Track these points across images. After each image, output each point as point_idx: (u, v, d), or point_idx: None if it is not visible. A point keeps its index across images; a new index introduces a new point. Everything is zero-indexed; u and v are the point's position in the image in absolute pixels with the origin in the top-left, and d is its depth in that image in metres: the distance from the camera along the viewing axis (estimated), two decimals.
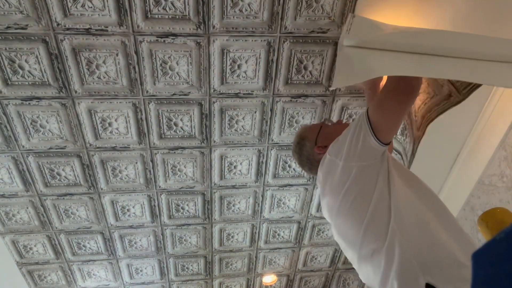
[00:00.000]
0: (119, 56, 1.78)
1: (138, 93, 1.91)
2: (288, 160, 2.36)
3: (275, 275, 3.29)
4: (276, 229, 2.84)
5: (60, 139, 2.04)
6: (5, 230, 2.48)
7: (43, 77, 1.80)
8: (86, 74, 1.81)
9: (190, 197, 2.48)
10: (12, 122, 1.93)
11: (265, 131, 2.18)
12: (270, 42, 1.82)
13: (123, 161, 2.20)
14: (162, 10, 1.66)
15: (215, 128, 2.12)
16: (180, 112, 2.02)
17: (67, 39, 1.69)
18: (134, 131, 2.06)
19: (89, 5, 1.61)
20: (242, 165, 2.34)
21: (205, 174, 2.35)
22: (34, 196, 2.29)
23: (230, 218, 2.68)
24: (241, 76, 1.93)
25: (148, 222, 2.59)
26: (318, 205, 2.68)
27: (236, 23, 1.74)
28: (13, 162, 2.10)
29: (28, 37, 1.67)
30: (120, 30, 1.69)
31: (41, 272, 2.82)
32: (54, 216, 2.44)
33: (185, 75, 1.88)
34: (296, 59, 1.90)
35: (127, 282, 3.06)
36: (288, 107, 2.09)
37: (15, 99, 1.85)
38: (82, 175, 2.23)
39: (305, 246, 3.03)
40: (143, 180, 2.31)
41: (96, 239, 2.66)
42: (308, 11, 1.73)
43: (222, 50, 1.82)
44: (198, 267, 3.06)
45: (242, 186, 2.47)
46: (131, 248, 2.78)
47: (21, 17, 1.61)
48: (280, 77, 1.95)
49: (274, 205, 2.64)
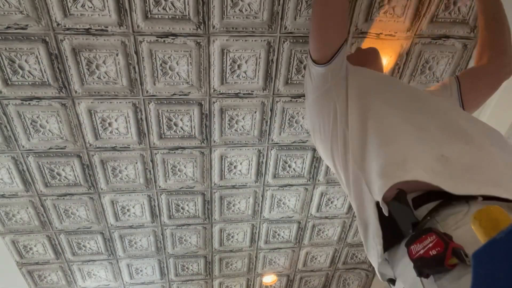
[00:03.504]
0: (119, 56, 1.78)
1: (138, 93, 1.91)
2: (288, 160, 2.36)
3: (275, 275, 3.29)
4: (276, 229, 2.84)
5: (60, 139, 2.04)
6: (5, 230, 2.48)
7: (43, 77, 1.80)
8: (86, 74, 1.81)
9: (190, 197, 2.48)
10: (12, 122, 1.93)
11: (265, 131, 2.18)
12: (270, 42, 1.82)
13: (123, 161, 2.20)
14: (162, 10, 1.66)
15: (215, 128, 2.12)
16: (180, 112, 2.02)
17: (67, 39, 1.69)
18: (134, 131, 2.06)
19: (89, 5, 1.61)
20: (242, 165, 2.34)
21: (205, 174, 2.35)
22: (34, 196, 2.29)
23: (230, 218, 2.68)
24: (241, 76, 1.93)
25: (148, 222, 2.59)
26: (318, 205, 2.69)
27: (236, 23, 1.74)
28: (13, 162, 2.10)
29: (28, 37, 1.67)
30: (120, 30, 1.69)
31: (41, 272, 2.82)
32: (54, 216, 2.44)
33: (185, 75, 1.88)
34: (296, 59, 1.90)
35: (127, 282, 3.06)
36: (288, 107, 2.09)
37: (15, 99, 1.85)
38: (82, 175, 2.23)
39: (305, 246, 3.03)
40: (143, 180, 2.31)
41: (96, 239, 2.66)
42: (308, 11, 1.73)
43: (222, 50, 1.82)
44: (198, 267, 3.06)
45: (242, 186, 2.47)
46: (131, 248, 2.78)
47: (21, 17, 1.61)
48: (280, 77, 1.95)
49: (274, 205, 2.64)
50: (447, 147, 0.97)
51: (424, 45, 1.92)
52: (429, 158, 0.94)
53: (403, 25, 1.84)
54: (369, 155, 1.03)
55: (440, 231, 0.79)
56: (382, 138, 1.03)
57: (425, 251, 0.77)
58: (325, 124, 1.23)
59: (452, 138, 0.99)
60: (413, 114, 1.08)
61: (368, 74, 1.27)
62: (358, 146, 1.07)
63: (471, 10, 1.84)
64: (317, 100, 1.26)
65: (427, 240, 0.78)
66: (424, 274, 0.78)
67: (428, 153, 0.95)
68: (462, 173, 0.90)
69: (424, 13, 1.80)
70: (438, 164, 0.92)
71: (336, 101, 1.19)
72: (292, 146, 2.28)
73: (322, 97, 1.24)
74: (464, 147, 0.96)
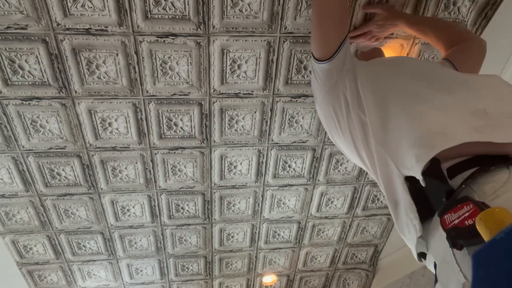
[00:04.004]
0: (119, 56, 1.78)
1: (138, 93, 1.91)
2: (288, 160, 2.36)
3: (275, 275, 3.29)
4: (276, 229, 2.84)
5: (60, 139, 2.04)
6: (5, 230, 2.48)
7: (43, 77, 1.80)
8: (86, 74, 1.81)
9: (190, 197, 2.48)
10: (12, 122, 1.93)
11: (265, 131, 2.18)
12: (270, 42, 1.82)
13: (123, 161, 2.20)
14: (162, 10, 1.66)
15: (215, 128, 2.12)
16: (180, 112, 2.02)
17: (67, 39, 1.69)
18: (134, 131, 2.06)
19: (89, 5, 1.61)
20: (242, 165, 2.34)
21: (205, 174, 2.35)
22: (34, 196, 2.29)
23: (230, 218, 2.68)
24: (241, 76, 1.93)
25: (148, 222, 2.59)
26: (318, 205, 2.69)
27: (236, 23, 1.74)
28: (13, 162, 2.10)
29: (28, 37, 1.67)
30: (120, 30, 1.69)
31: (41, 272, 2.82)
32: (54, 216, 2.44)
33: (185, 75, 1.88)
34: (296, 59, 1.90)
35: (127, 282, 3.06)
36: (288, 107, 2.09)
37: (15, 99, 1.85)
38: (82, 175, 2.23)
39: (305, 246, 3.03)
40: (143, 180, 2.31)
41: (96, 239, 2.66)
42: (308, 11, 1.73)
43: (222, 50, 1.82)
44: (198, 267, 3.06)
45: (242, 186, 2.47)
46: (131, 248, 2.78)
47: (21, 17, 1.60)
48: (280, 77, 1.95)
49: (274, 205, 2.64)
50: (479, 101, 0.93)
51: (424, 45, 1.92)
52: (467, 116, 0.89)
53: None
54: (397, 132, 0.99)
55: (477, 200, 0.73)
56: (410, 111, 1.00)
57: (460, 221, 0.72)
58: (339, 117, 1.22)
59: (480, 94, 0.97)
60: (433, 82, 1.06)
61: (377, 60, 1.29)
62: (379, 125, 1.05)
63: (471, 10, 1.84)
64: (326, 97, 1.26)
65: (463, 209, 0.73)
66: (457, 245, 0.73)
67: (464, 111, 0.91)
68: (506, 120, 0.86)
69: (423, 12, 1.80)
70: (477, 119, 0.88)
71: (345, 91, 1.20)
72: (292, 146, 2.28)
73: (329, 92, 1.25)
74: (495, 98, 0.94)
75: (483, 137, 0.83)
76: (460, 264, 0.74)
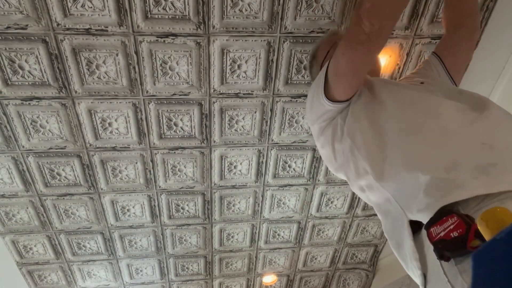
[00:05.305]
0: (119, 56, 1.78)
1: (138, 93, 1.91)
2: (288, 160, 2.36)
3: (275, 275, 3.29)
4: (276, 229, 2.84)
5: (60, 139, 2.04)
6: (5, 230, 2.48)
7: (43, 77, 1.80)
8: (86, 74, 1.81)
9: (190, 197, 2.48)
10: (12, 122, 1.93)
11: (265, 131, 2.18)
12: (270, 42, 1.82)
13: (123, 161, 2.20)
14: (162, 10, 1.66)
15: (215, 128, 2.12)
16: (180, 112, 2.02)
17: (67, 39, 1.69)
18: (134, 131, 2.06)
19: (89, 5, 1.61)
20: (242, 165, 2.34)
21: (205, 174, 2.35)
22: (34, 196, 2.29)
23: (230, 218, 2.68)
24: (241, 76, 1.93)
25: (148, 222, 2.59)
26: (318, 205, 2.69)
27: (236, 23, 1.74)
28: (13, 162, 2.10)
29: (28, 37, 1.67)
30: (120, 30, 1.69)
31: (41, 272, 2.82)
32: (54, 216, 2.44)
33: (185, 75, 1.88)
34: (296, 59, 1.90)
35: (127, 282, 3.06)
36: (288, 107, 2.09)
37: (15, 99, 1.85)
38: (82, 175, 2.23)
39: (305, 246, 3.03)
40: (143, 180, 2.31)
41: (96, 239, 2.66)
42: (308, 11, 1.73)
43: (222, 50, 1.82)
44: (198, 267, 3.06)
45: (242, 186, 2.47)
46: (131, 248, 2.78)
47: (21, 17, 1.60)
48: (280, 77, 1.95)
49: (274, 205, 2.64)
50: (482, 134, 0.89)
51: (424, 45, 1.92)
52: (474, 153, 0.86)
53: (400, 23, 1.84)
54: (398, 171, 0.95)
55: (461, 213, 0.75)
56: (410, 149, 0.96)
57: (445, 233, 0.73)
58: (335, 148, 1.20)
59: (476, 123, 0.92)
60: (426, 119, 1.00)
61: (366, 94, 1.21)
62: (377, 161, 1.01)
63: None
64: (324, 129, 1.25)
65: (447, 222, 0.74)
66: (444, 257, 0.75)
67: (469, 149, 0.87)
68: None
69: (422, 11, 1.80)
70: (484, 156, 0.84)
71: (341, 124, 1.19)
72: (292, 146, 2.28)
73: (328, 127, 1.24)
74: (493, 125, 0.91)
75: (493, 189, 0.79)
76: (448, 275, 0.76)
